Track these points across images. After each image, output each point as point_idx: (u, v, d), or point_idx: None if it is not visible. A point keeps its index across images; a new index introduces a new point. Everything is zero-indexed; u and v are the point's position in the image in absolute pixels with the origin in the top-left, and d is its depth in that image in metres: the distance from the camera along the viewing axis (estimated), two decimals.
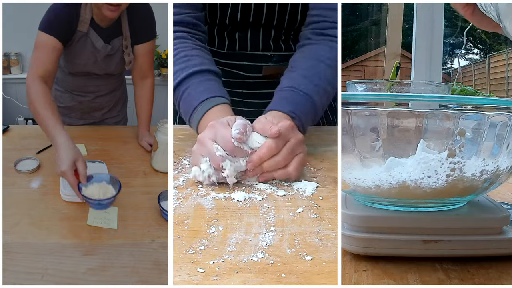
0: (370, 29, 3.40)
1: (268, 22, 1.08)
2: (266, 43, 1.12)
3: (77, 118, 1.49)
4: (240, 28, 1.10)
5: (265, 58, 1.13)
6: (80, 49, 1.28)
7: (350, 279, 0.55)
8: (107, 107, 1.51)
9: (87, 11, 1.22)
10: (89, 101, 1.46)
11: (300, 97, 0.92)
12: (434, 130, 0.60)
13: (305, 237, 0.64)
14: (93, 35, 1.26)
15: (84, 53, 1.29)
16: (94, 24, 1.25)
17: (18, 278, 0.77)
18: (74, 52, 1.28)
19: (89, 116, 1.50)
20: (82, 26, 1.23)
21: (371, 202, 0.65)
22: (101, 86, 1.45)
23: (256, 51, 1.12)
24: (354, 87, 0.98)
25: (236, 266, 0.56)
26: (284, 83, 0.95)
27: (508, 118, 0.59)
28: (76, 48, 1.27)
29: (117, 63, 1.35)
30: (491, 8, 0.66)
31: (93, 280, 0.78)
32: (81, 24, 1.22)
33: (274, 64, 1.14)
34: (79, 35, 1.24)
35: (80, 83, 1.41)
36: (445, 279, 0.55)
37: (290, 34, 1.13)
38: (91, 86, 1.43)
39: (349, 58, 3.66)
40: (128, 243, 0.87)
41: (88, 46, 1.27)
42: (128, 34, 1.30)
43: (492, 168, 0.61)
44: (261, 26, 1.09)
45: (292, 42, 1.14)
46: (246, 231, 0.65)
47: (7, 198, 0.98)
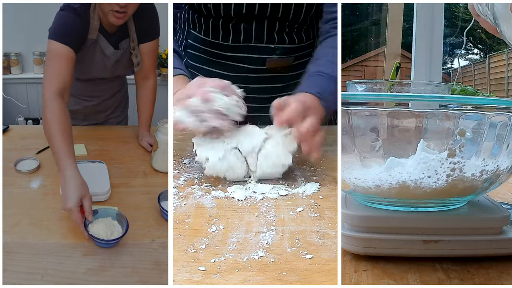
0: (370, 29, 3.40)
1: (273, 14, 1.09)
2: (270, 35, 1.13)
3: (81, 120, 1.49)
4: (246, 20, 1.11)
5: (269, 50, 1.14)
6: (89, 56, 1.26)
7: (350, 279, 0.55)
8: (110, 109, 1.51)
9: (95, 18, 1.20)
10: (94, 106, 1.46)
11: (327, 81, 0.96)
12: (434, 130, 0.60)
13: (306, 235, 0.64)
14: (102, 42, 1.25)
15: (94, 60, 1.28)
16: (103, 30, 1.23)
17: (18, 278, 0.77)
18: (83, 59, 1.25)
19: (93, 118, 1.50)
20: (92, 34, 1.21)
21: (371, 202, 0.65)
22: (106, 90, 1.45)
23: (260, 43, 1.13)
24: (354, 87, 0.98)
25: (237, 265, 0.56)
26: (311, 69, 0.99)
27: (508, 118, 0.59)
28: (86, 55, 1.24)
29: (124, 66, 1.35)
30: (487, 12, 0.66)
31: (93, 280, 0.78)
32: (91, 32, 1.21)
33: (278, 57, 1.15)
34: (89, 42, 1.23)
35: (87, 88, 1.41)
36: (445, 279, 0.56)
37: (294, 27, 1.13)
38: (97, 91, 1.43)
39: (349, 58, 3.66)
40: (128, 243, 0.87)
41: (97, 52, 1.26)
42: (135, 36, 1.29)
43: (492, 168, 0.61)
44: (266, 18, 1.10)
45: (295, 35, 1.15)
46: (246, 230, 0.65)
47: (7, 198, 0.98)
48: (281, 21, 1.12)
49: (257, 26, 1.11)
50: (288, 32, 1.14)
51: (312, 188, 0.80)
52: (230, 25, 1.12)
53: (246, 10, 1.08)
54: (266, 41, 1.14)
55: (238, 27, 1.11)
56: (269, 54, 1.15)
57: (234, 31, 1.12)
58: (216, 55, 1.16)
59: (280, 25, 1.12)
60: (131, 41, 1.28)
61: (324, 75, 0.96)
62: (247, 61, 1.15)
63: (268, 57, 1.15)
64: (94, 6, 1.18)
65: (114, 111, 1.53)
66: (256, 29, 1.12)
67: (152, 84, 1.41)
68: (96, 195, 1.00)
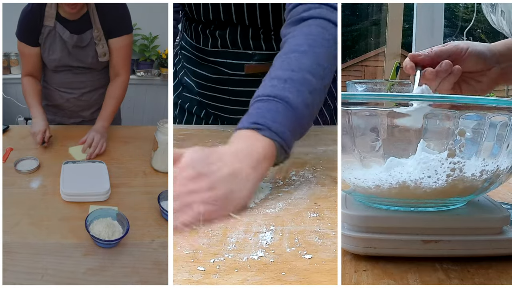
0: (370, 29, 3.40)
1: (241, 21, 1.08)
2: (245, 41, 1.12)
3: (67, 117, 1.51)
4: (220, 26, 1.10)
5: (247, 56, 1.14)
6: (51, 43, 1.34)
7: (350, 279, 0.55)
8: (95, 105, 1.50)
9: (52, 6, 1.29)
10: (75, 99, 1.47)
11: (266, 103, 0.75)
12: (434, 130, 0.60)
13: (305, 236, 0.64)
14: (59, 28, 1.31)
15: (55, 47, 1.34)
16: (60, 18, 1.31)
17: (18, 278, 0.77)
18: (47, 47, 1.35)
19: (78, 116, 1.51)
20: (48, 21, 1.31)
21: (371, 202, 0.65)
22: (85, 82, 1.45)
23: (238, 49, 1.13)
24: (354, 87, 0.98)
25: (236, 265, 0.56)
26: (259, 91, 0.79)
27: (508, 118, 0.59)
28: (47, 43, 1.34)
29: (93, 56, 1.37)
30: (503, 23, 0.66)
31: (93, 280, 0.78)
32: (47, 20, 1.30)
33: (256, 63, 1.14)
34: (47, 30, 1.32)
35: (64, 79, 1.43)
36: (445, 279, 0.55)
37: (270, 34, 1.12)
38: (75, 82, 1.45)
39: (349, 58, 3.66)
40: (128, 243, 0.87)
41: (57, 39, 1.33)
42: (99, 26, 1.33)
43: (492, 168, 0.61)
44: (239, 25, 1.09)
45: (274, 42, 1.14)
46: (246, 230, 0.65)
47: (7, 198, 0.98)
48: (254, 28, 1.10)
49: (231, 32, 1.11)
50: (264, 39, 1.12)
51: (311, 188, 0.80)
52: (207, 31, 1.12)
53: (224, 16, 1.07)
54: (243, 47, 1.13)
55: (214, 33, 1.11)
56: (247, 60, 1.13)
57: (211, 36, 1.12)
58: (201, 58, 1.17)
59: (254, 31, 1.11)
60: (95, 30, 1.33)
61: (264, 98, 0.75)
62: (226, 66, 1.14)
63: (246, 63, 1.13)
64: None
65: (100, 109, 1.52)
66: (230, 35, 1.11)
67: (122, 81, 1.41)
68: (96, 195, 1.01)
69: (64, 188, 1.00)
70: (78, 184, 1.02)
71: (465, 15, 3.05)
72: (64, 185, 1.01)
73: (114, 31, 1.35)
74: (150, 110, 2.47)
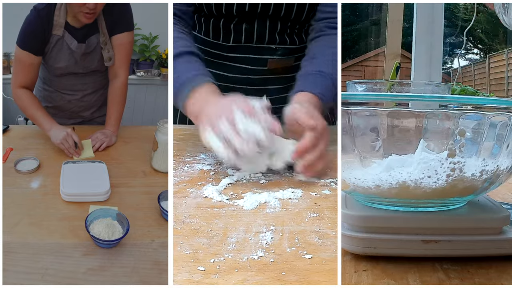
0: (370, 29, 3.40)
1: (275, 14, 1.09)
2: (272, 36, 1.12)
3: (66, 118, 1.49)
4: (247, 20, 1.10)
5: (270, 51, 1.14)
6: (58, 52, 1.29)
7: (350, 279, 0.55)
8: (95, 106, 1.50)
9: (61, 15, 1.23)
10: (77, 100, 1.46)
11: (327, 81, 0.96)
12: (434, 130, 0.60)
13: (305, 235, 0.64)
14: (67, 37, 1.27)
15: (63, 56, 1.30)
16: (68, 26, 1.26)
17: (18, 278, 0.77)
18: (53, 56, 1.30)
19: (78, 116, 1.51)
20: (57, 30, 1.25)
21: (371, 202, 0.65)
22: (88, 84, 1.44)
23: (262, 44, 1.13)
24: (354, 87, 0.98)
25: (237, 265, 0.56)
26: (310, 68, 0.99)
27: (508, 118, 0.59)
28: (54, 52, 1.29)
29: (99, 60, 1.35)
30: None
31: (93, 280, 0.78)
32: (55, 29, 1.25)
33: (279, 57, 1.15)
34: (55, 38, 1.26)
35: (67, 82, 1.42)
36: (445, 279, 0.56)
37: (295, 28, 1.13)
38: (78, 85, 1.43)
39: (349, 58, 3.66)
40: (128, 243, 0.87)
41: (64, 48, 1.29)
42: (105, 30, 1.30)
43: (492, 168, 0.61)
44: (268, 18, 1.10)
45: (296, 36, 1.15)
46: (246, 230, 0.65)
47: (7, 198, 0.98)
48: (283, 21, 1.11)
49: (259, 26, 1.11)
50: (289, 33, 1.14)
51: (311, 189, 0.80)
52: (231, 25, 1.11)
53: (249, 9, 1.07)
54: (268, 42, 1.13)
55: (240, 27, 1.11)
56: (270, 54, 1.15)
57: (235, 31, 1.12)
58: (216, 55, 1.16)
59: (282, 25, 1.12)
60: (101, 35, 1.30)
61: (325, 74, 0.96)
62: (248, 62, 1.14)
63: (269, 57, 1.15)
64: (60, 4, 1.21)
65: (99, 109, 1.51)
66: (258, 29, 1.11)
67: (120, 83, 1.39)
68: (96, 195, 1.01)
69: (64, 188, 1.00)
70: (78, 184, 1.02)
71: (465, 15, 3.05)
72: (64, 185, 1.01)
73: (116, 27, 1.32)
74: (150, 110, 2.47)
